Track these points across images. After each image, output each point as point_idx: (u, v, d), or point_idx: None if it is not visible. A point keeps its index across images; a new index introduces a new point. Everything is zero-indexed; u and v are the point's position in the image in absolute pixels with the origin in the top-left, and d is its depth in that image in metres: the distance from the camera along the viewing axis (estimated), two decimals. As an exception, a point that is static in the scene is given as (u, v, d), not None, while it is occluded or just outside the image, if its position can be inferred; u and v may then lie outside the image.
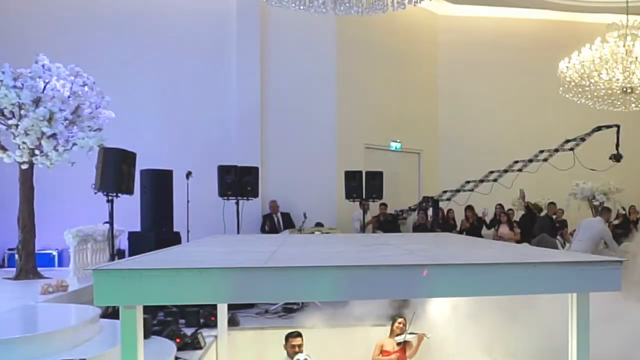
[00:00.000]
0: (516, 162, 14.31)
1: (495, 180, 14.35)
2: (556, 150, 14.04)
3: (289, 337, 7.14)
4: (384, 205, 14.00)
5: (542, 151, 14.20)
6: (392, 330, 7.65)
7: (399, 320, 7.68)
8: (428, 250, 4.77)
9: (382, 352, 7.57)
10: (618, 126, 13.20)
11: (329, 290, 3.38)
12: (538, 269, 3.51)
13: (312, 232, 11.45)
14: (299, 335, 7.12)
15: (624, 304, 6.31)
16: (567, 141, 13.95)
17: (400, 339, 7.51)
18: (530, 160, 14.18)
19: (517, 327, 6.50)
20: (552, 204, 14.28)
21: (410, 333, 7.52)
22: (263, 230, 13.32)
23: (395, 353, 7.54)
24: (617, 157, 13.10)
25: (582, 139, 13.77)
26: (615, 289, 3.48)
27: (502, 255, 4.31)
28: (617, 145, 13.13)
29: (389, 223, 13.96)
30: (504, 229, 13.62)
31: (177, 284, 3.27)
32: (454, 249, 4.94)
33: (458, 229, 13.97)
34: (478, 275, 3.42)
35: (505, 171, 14.30)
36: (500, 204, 14.10)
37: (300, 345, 6.98)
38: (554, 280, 3.48)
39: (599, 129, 13.68)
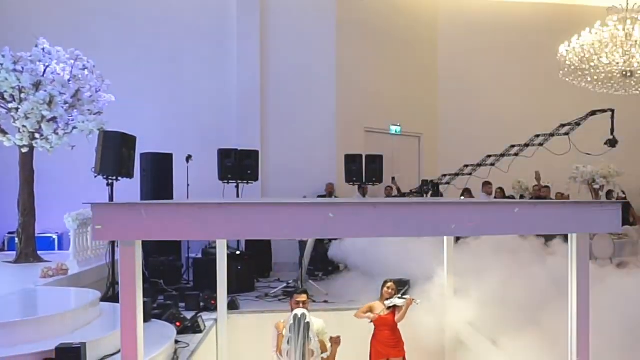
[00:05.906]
0: (512, 146, 14.23)
1: (492, 164, 14.29)
2: (551, 135, 13.94)
3: (294, 293, 7.08)
4: (390, 187, 14.00)
5: (537, 135, 14.12)
6: (381, 295, 7.65)
7: (388, 284, 7.65)
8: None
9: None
10: (612, 110, 13.13)
11: (328, 227, 3.40)
12: (538, 209, 3.56)
13: None
14: (304, 292, 7.00)
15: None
16: (562, 125, 13.90)
17: (389, 303, 7.50)
18: (527, 145, 14.07)
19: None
20: (546, 187, 14.14)
21: (399, 297, 7.53)
22: None
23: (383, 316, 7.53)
24: (612, 143, 13.04)
25: (577, 124, 13.66)
26: (614, 229, 3.52)
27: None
28: (612, 130, 13.07)
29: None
30: None
31: (177, 219, 3.27)
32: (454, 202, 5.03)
33: None
34: (478, 214, 3.48)
35: (502, 155, 14.22)
36: (500, 188, 14.07)
37: (304, 302, 6.79)
38: (554, 220, 3.53)
39: (593, 113, 13.58)
